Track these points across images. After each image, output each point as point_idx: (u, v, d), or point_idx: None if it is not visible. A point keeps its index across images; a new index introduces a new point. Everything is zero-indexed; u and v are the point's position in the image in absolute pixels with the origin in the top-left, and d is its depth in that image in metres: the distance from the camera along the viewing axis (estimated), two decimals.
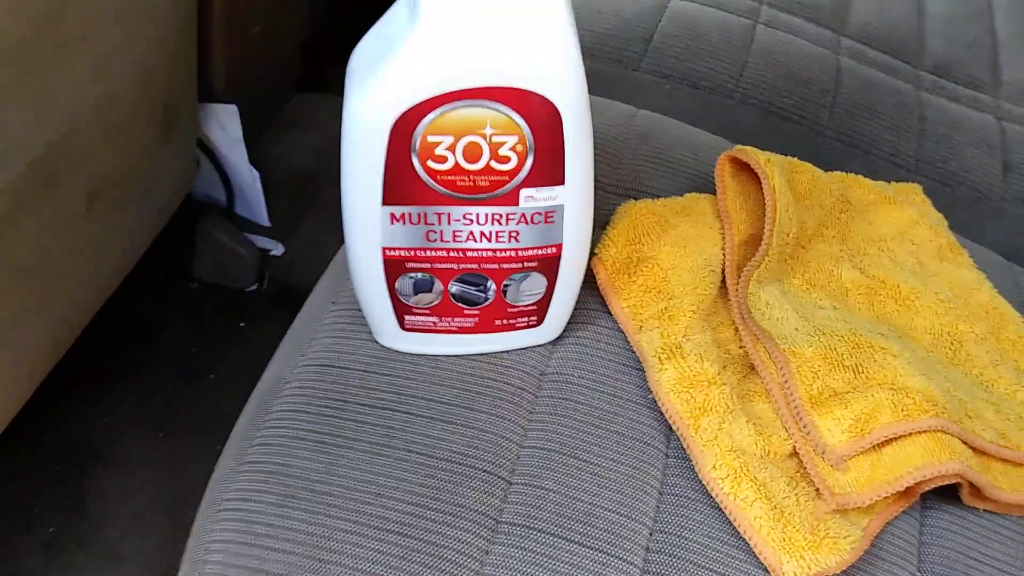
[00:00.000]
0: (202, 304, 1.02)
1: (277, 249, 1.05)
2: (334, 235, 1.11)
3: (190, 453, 0.90)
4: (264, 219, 1.04)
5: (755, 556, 0.45)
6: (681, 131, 0.68)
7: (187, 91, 0.85)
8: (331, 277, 0.57)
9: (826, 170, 0.63)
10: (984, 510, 0.50)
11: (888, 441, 0.47)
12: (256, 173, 0.99)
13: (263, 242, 1.05)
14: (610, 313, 0.53)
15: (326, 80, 1.25)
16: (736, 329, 0.53)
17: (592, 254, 0.53)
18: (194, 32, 0.82)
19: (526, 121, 0.41)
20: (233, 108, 0.93)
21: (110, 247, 0.81)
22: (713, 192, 0.59)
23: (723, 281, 0.55)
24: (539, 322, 0.50)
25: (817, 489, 0.46)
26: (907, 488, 0.47)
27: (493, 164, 0.42)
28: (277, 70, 1.14)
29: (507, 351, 0.51)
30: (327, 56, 1.24)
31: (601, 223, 0.56)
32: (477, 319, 0.49)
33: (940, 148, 0.79)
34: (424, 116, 0.40)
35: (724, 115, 0.77)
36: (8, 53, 0.57)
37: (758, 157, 0.56)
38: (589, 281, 0.53)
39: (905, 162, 0.78)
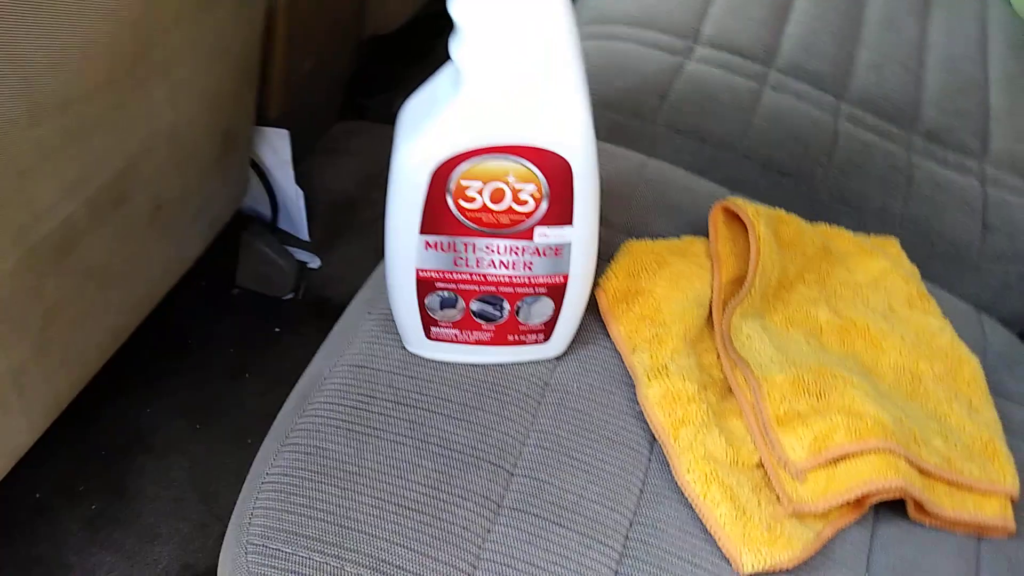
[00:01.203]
0: (242, 309, 1.09)
1: (314, 262, 1.13)
2: (366, 253, 1.20)
3: (224, 444, 0.97)
4: (304, 234, 1.13)
5: (719, 549, 0.52)
6: (686, 180, 0.76)
7: (246, 118, 0.94)
8: (368, 290, 0.65)
9: (817, 222, 0.71)
10: (930, 525, 0.57)
11: (843, 458, 0.55)
12: (301, 192, 1.08)
13: (302, 255, 1.13)
14: (608, 335, 0.61)
15: (365, 109, 1.34)
16: (718, 355, 0.60)
17: (596, 284, 0.61)
18: (256, 66, 0.91)
19: (543, 173, 0.49)
20: (285, 132, 1.02)
21: (166, 255, 0.88)
22: (707, 235, 0.66)
23: (711, 314, 0.63)
24: (546, 339, 0.58)
25: (778, 496, 0.54)
26: (858, 500, 0.54)
27: (514, 206, 0.51)
28: (323, 100, 1.23)
29: (517, 363, 0.59)
30: (367, 87, 1.33)
31: (607, 257, 0.64)
32: (493, 334, 0.57)
33: (924, 207, 0.86)
34: (459, 164, 0.49)
35: (728, 168, 0.85)
36: (103, 87, 0.66)
37: (747, 208, 0.64)
38: (592, 307, 0.60)
39: (891, 219, 0.85)
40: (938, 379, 0.64)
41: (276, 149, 1.04)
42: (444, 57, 0.49)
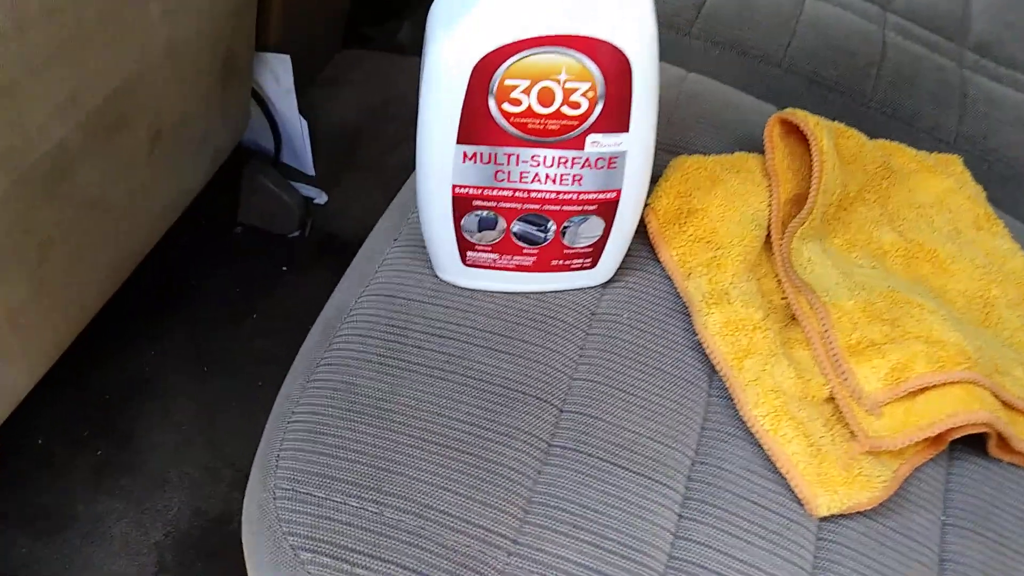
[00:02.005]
0: (246, 248, 1.05)
1: (320, 198, 1.08)
2: (375, 188, 1.14)
3: (231, 388, 0.93)
4: (310, 168, 1.07)
5: (791, 490, 0.48)
6: (729, 95, 0.70)
7: (246, 40, 0.88)
8: (392, 216, 0.59)
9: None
10: (1009, 463, 0.53)
11: (922, 390, 0.50)
12: (304, 122, 1.02)
13: (307, 190, 1.07)
14: (658, 261, 0.56)
15: (369, 38, 1.27)
16: (779, 281, 0.55)
17: (645, 204, 0.56)
18: None
19: (599, 69, 0.43)
20: (287, 58, 0.96)
21: (167, 187, 0.83)
22: (761, 152, 0.61)
23: (768, 236, 0.57)
24: (593, 264, 0.53)
25: (852, 432, 0.49)
26: (937, 436, 0.50)
27: (564, 109, 0.45)
28: (325, 26, 1.16)
29: (560, 291, 0.54)
30: (371, 14, 1.26)
31: (653, 176, 0.58)
32: (535, 258, 0.52)
33: (980, 124, 0.81)
34: (504, 60, 0.43)
35: (770, 83, 0.79)
36: None
37: (808, 120, 0.58)
38: (639, 230, 0.55)
39: (945, 136, 0.79)
40: (1011, 305, 0.59)
41: (278, 77, 0.98)
42: None
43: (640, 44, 0.44)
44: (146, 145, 0.75)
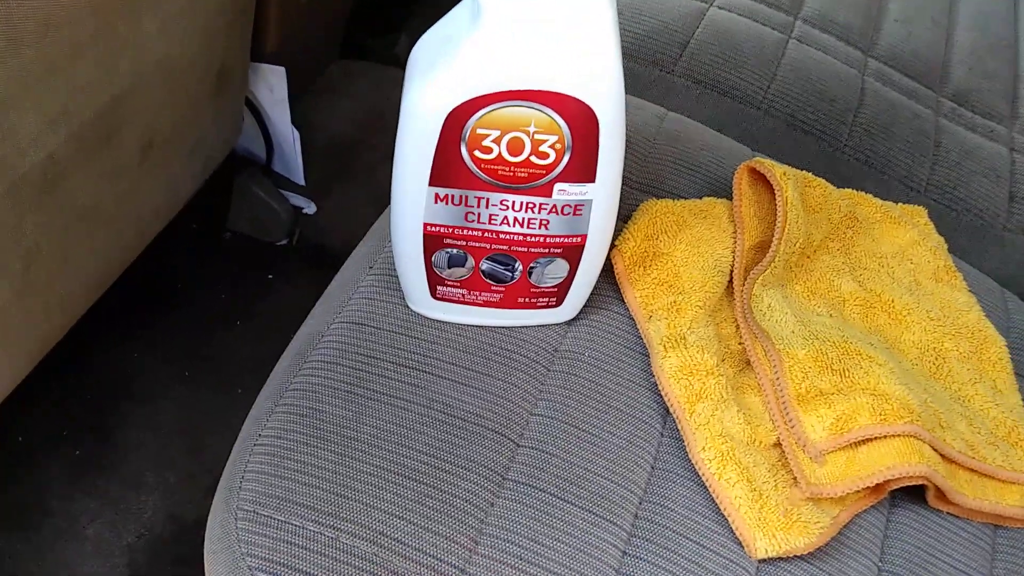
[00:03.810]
0: (234, 254, 1.06)
1: (310, 208, 1.10)
2: (364, 200, 1.16)
3: (212, 393, 0.95)
4: (300, 178, 1.09)
5: (732, 532, 0.50)
6: (707, 136, 0.72)
7: (241, 53, 0.89)
8: (369, 243, 0.61)
9: (840, 186, 0.67)
10: (948, 513, 0.55)
11: (864, 441, 0.52)
12: (297, 133, 1.04)
13: (297, 200, 1.09)
14: (623, 301, 0.58)
15: (365, 49, 1.29)
16: (737, 326, 0.57)
17: (612, 245, 0.58)
18: None
19: (567, 123, 0.45)
20: (281, 70, 0.97)
21: (157, 195, 0.85)
22: (730, 197, 0.63)
23: (731, 281, 0.59)
24: (558, 303, 0.55)
25: (795, 478, 0.51)
26: (877, 485, 0.52)
27: (533, 159, 0.47)
28: (322, 37, 1.18)
29: (526, 327, 0.56)
30: (369, 26, 1.27)
31: (623, 216, 0.60)
32: (502, 295, 0.54)
33: (951, 174, 0.83)
34: (476, 111, 0.45)
35: (749, 124, 0.81)
36: (87, 10, 0.61)
37: (775, 170, 0.60)
38: (606, 270, 0.57)
39: (916, 184, 0.81)
40: (963, 359, 0.61)
41: (272, 87, 0.99)
42: None
43: (607, 100, 0.46)
44: (137, 155, 0.77)
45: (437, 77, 0.45)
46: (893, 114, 0.85)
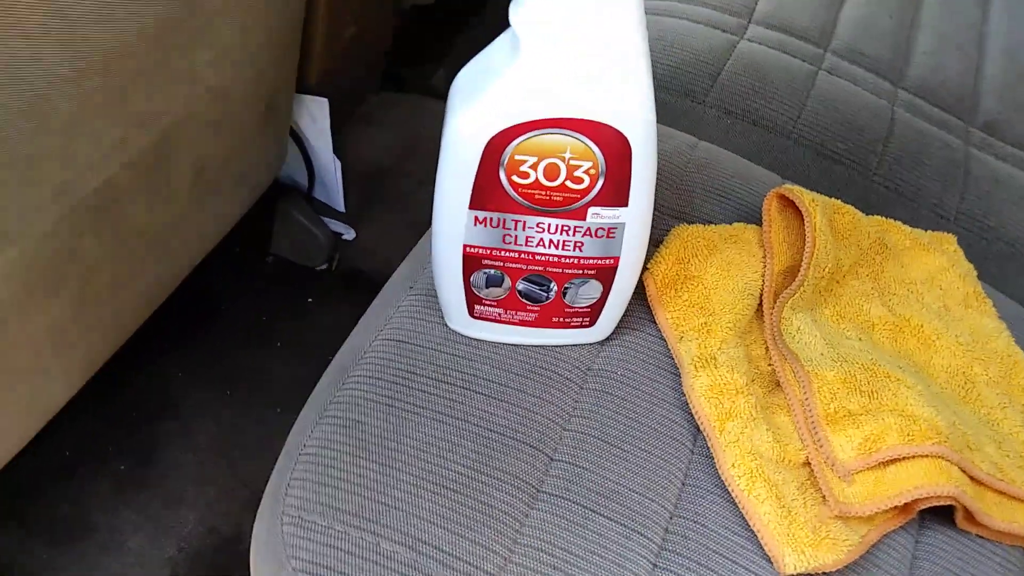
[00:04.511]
0: (275, 278, 1.09)
1: (349, 234, 1.13)
2: (401, 226, 1.19)
3: (252, 412, 0.97)
4: (340, 205, 1.12)
5: (761, 547, 0.51)
6: (737, 164, 0.74)
7: (287, 86, 0.93)
8: (409, 265, 0.64)
9: (870, 214, 0.68)
10: (977, 535, 0.56)
11: (892, 461, 0.53)
12: (338, 162, 1.07)
13: (337, 226, 1.12)
14: (655, 322, 0.60)
15: (403, 80, 1.33)
16: (767, 348, 0.59)
17: (644, 268, 0.59)
18: (299, 33, 0.90)
19: (601, 150, 0.48)
20: (324, 101, 1.01)
21: (206, 220, 0.88)
22: (760, 223, 0.64)
23: (760, 305, 0.61)
24: (591, 323, 0.57)
25: (824, 496, 0.52)
26: (906, 505, 0.53)
27: (568, 183, 0.49)
28: (362, 70, 1.22)
29: (560, 346, 0.58)
30: (407, 58, 1.32)
31: (656, 241, 0.62)
32: (537, 315, 0.56)
33: (982, 203, 0.83)
34: (514, 138, 0.47)
35: (779, 153, 0.83)
36: (146, 43, 0.65)
37: (804, 196, 0.62)
38: (639, 292, 0.59)
39: (947, 213, 0.82)
40: (991, 383, 0.62)
41: (315, 117, 1.03)
42: (486, 28, 0.48)
43: (639, 128, 0.48)
44: (188, 181, 0.80)
45: (478, 105, 0.47)
46: (923, 144, 0.86)
